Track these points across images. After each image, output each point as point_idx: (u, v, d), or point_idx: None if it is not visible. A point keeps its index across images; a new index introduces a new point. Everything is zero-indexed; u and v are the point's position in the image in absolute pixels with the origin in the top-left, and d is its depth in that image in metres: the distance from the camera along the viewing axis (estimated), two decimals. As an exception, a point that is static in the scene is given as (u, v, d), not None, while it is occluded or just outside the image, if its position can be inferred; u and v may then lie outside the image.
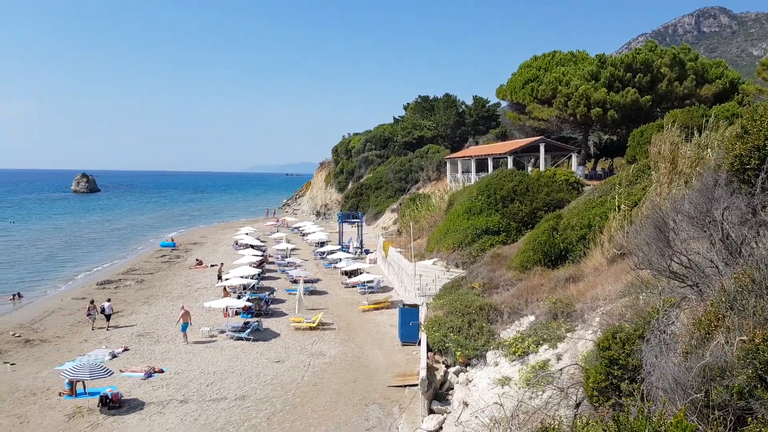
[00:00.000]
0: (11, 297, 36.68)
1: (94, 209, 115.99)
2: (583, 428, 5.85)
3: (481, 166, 47.77)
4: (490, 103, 78.44)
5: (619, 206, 20.91)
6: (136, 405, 19.29)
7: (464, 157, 51.34)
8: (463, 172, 49.79)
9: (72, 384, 19.98)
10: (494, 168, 43.51)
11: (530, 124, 50.64)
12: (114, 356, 24.50)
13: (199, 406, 19.18)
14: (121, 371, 22.23)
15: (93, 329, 29.03)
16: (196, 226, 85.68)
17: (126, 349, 25.49)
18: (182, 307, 28.73)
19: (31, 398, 20.06)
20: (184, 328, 27.01)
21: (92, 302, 30.64)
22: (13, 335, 27.95)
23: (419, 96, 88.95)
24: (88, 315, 29.69)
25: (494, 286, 22.92)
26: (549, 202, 31.71)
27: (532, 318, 18.49)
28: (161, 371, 22.56)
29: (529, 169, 42.76)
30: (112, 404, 19.12)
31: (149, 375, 22.03)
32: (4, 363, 23.80)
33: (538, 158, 43.62)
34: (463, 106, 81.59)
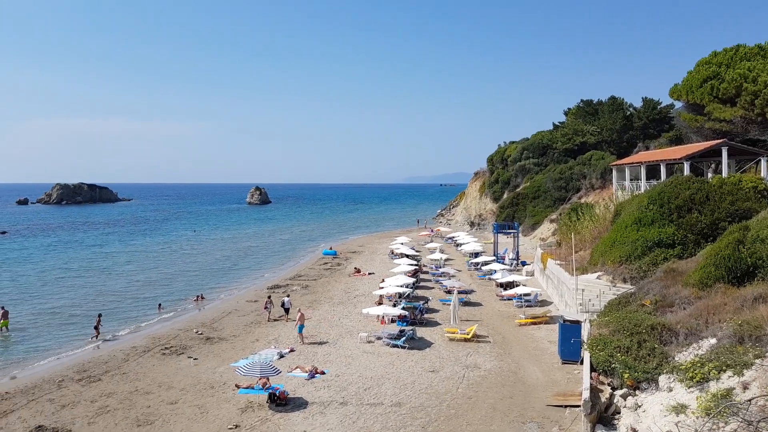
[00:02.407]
0: (195, 298, 41.13)
1: (264, 219, 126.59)
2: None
3: (653, 173, 44.01)
4: (662, 105, 72.23)
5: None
6: (300, 404, 20.40)
7: (633, 163, 47.72)
8: (631, 180, 46.27)
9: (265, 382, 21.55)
10: (667, 175, 39.83)
11: (709, 126, 45.75)
12: (281, 356, 26.25)
13: (357, 409, 19.77)
14: (287, 371, 23.71)
15: (269, 320, 33.28)
16: (355, 235, 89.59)
17: (292, 350, 27.20)
18: (299, 310, 31.16)
19: (209, 391, 22.14)
20: (300, 329, 28.89)
21: (269, 297, 36.02)
22: (196, 333, 31.27)
23: (581, 100, 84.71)
24: (265, 308, 34.15)
25: (668, 304, 20.82)
26: (733, 212, 28.25)
27: (713, 341, 16.50)
28: (323, 373, 23.67)
29: (709, 175, 38.51)
30: (280, 401, 20.40)
31: (312, 376, 23.22)
32: (189, 357, 26.66)
33: (719, 163, 39.11)
34: (630, 109, 76.14)
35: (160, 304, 38.84)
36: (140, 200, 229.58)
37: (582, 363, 20.65)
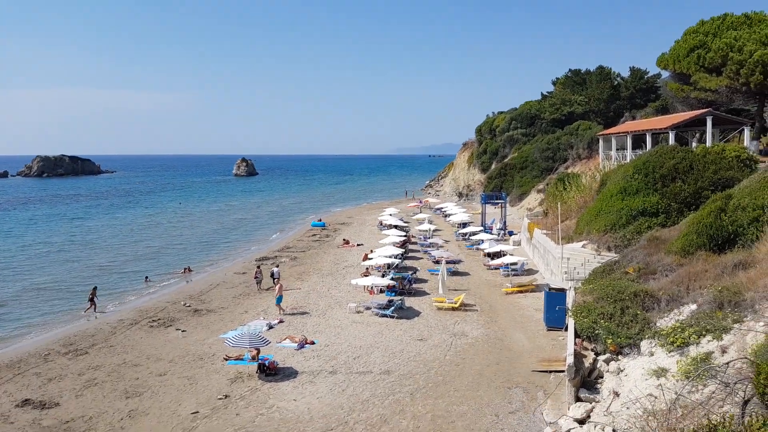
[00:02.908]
0: (183, 270, 41.06)
1: (252, 191, 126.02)
2: (759, 429, 5.13)
3: (638, 142, 44.20)
4: (649, 75, 72.25)
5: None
6: (290, 373, 20.66)
7: (619, 133, 47.87)
8: (617, 150, 46.47)
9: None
10: (653, 145, 40.05)
11: (695, 95, 45.87)
12: (270, 327, 26.46)
13: (346, 377, 20.08)
14: (277, 342, 23.93)
15: (259, 291, 33.96)
16: (344, 207, 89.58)
17: (281, 321, 27.41)
18: (276, 281, 32.86)
19: (199, 362, 22.32)
20: (278, 301, 29.32)
21: (258, 267, 36.71)
22: (184, 305, 31.33)
23: (570, 70, 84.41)
24: (255, 278, 34.84)
25: (651, 271, 21.16)
26: (716, 180, 28.54)
27: (693, 307, 16.88)
28: (312, 343, 23.94)
29: (694, 145, 38.74)
30: (269, 371, 20.66)
31: (302, 346, 23.48)
32: (177, 329, 26.77)
33: (703, 133, 39.38)
34: (618, 79, 76.06)
35: (147, 277, 38.81)
36: (124, 172, 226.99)
37: (566, 330, 21.02)
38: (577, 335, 18.92)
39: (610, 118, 70.06)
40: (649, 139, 41.39)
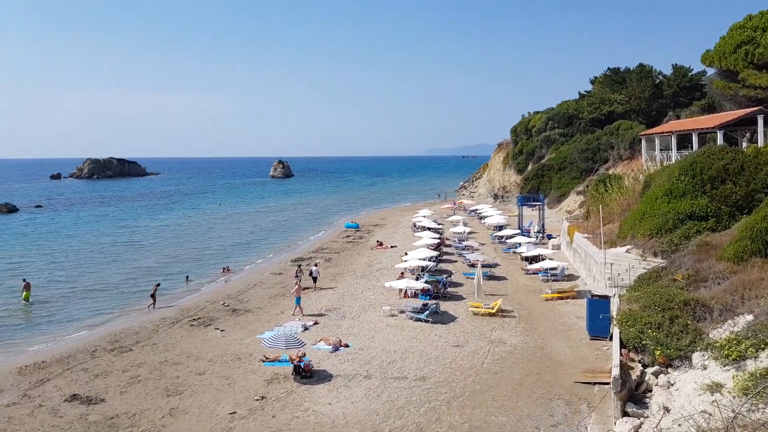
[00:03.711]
0: (222, 270, 41.44)
1: (288, 193, 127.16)
2: None
3: (684, 142, 42.65)
4: (693, 72, 69.78)
5: None
6: (324, 376, 20.45)
7: (663, 133, 46.32)
8: (661, 150, 44.98)
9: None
10: (700, 145, 38.57)
11: (744, 93, 43.98)
12: (305, 329, 26.34)
13: (381, 382, 19.74)
14: (312, 344, 23.76)
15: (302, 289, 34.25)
16: (377, 208, 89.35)
17: (316, 323, 27.27)
18: (296, 283, 31.92)
19: (236, 362, 22.34)
20: (297, 302, 29.41)
21: (299, 266, 37.74)
22: (222, 304, 31.53)
23: (608, 68, 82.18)
24: (295, 277, 35.18)
25: (701, 279, 20.22)
26: (770, 183, 27.24)
27: (749, 317, 15.98)
28: (347, 346, 23.69)
29: (744, 145, 37.15)
30: (304, 374, 20.48)
31: (336, 348, 23.25)
32: (216, 329, 26.90)
33: (755, 132, 37.71)
34: (660, 77, 73.66)
35: (187, 277, 39.29)
36: (168, 174, 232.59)
37: (611, 339, 20.27)
38: (622, 345, 18.17)
39: (653, 118, 67.92)
40: (695, 139, 39.89)
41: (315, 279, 35.07)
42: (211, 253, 50.11)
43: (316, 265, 37.98)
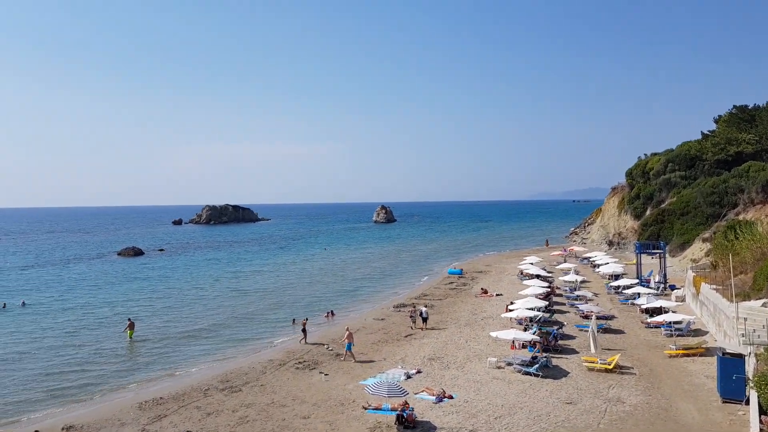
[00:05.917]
0: (326, 314, 42.18)
1: (391, 238, 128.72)
2: None
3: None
4: (836, 108, 63.32)
5: None
6: (428, 428, 19.75)
7: (801, 175, 41.99)
8: (799, 194, 40.69)
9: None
10: None
11: None
12: (408, 377, 25.81)
13: (487, 439, 18.72)
14: (415, 393, 23.19)
15: (413, 329, 36.11)
16: (481, 254, 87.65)
17: (419, 371, 26.67)
18: (347, 329, 32.26)
19: (339, 407, 22.22)
20: (348, 348, 29.80)
21: (414, 306, 40.70)
22: (327, 348, 31.88)
23: (734, 106, 76.62)
24: (410, 317, 37.48)
25: None
26: None
27: None
28: (451, 397, 22.86)
29: None
30: (407, 424, 19.90)
31: (440, 399, 22.50)
32: (320, 373, 27.11)
33: None
34: (794, 114, 67.58)
35: (294, 320, 40.25)
36: (277, 220, 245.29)
37: (747, 403, 18.01)
38: (762, 411, 16.03)
39: (789, 159, 62.06)
40: (843, 181, 35.67)
41: (425, 320, 36.43)
42: (316, 297, 51.23)
43: (425, 306, 40.41)
